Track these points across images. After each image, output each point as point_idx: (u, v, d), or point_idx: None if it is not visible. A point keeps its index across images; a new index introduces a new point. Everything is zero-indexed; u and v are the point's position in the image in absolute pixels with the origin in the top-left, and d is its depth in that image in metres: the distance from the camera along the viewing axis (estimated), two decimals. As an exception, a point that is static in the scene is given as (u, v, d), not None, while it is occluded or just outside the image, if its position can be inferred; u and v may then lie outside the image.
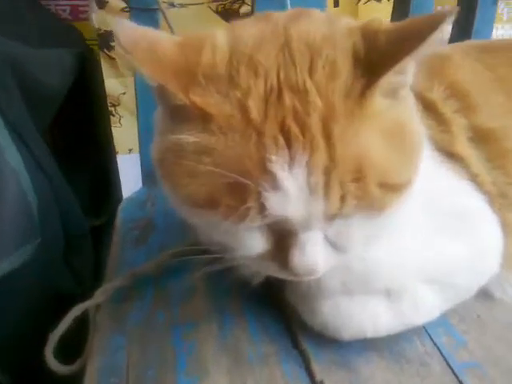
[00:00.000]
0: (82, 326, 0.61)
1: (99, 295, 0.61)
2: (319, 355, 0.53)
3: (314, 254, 0.41)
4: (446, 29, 0.37)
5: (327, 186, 0.37)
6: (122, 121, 1.11)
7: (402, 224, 0.49)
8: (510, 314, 0.57)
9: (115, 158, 1.16)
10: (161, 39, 0.40)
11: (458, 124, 0.54)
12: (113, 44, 1.02)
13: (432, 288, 0.53)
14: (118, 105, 1.09)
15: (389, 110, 0.40)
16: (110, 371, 0.53)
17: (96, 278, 0.87)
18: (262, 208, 0.37)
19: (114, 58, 1.05)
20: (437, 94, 0.55)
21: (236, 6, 1.05)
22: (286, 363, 0.52)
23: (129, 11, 0.92)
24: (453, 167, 0.53)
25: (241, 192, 0.37)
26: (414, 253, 0.51)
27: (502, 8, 1.07)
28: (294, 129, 0.37)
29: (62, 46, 1.06)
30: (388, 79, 0.38)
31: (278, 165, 0.37)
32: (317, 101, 0.38)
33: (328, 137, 0.37)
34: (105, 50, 1.04)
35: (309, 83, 0.38)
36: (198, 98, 0.38)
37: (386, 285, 0.52)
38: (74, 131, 1.20)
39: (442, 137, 0.53)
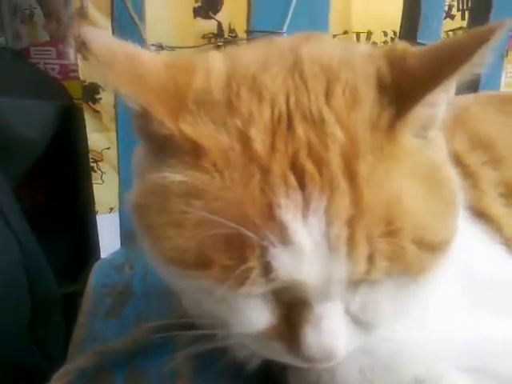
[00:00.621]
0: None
1: (57, 379, 0.49)
2: None
3: (333, 334, 0.32)
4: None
5: (351, 240, 0.29)
6: (104, 177, 1.04)
7: (436, 297, 0.40)
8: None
9: (95, 217, 1.08)
10: (143, 55, 0.33)
11: (487, 178, 0.48)
12: (98, 96, 0.98)
13: (470, 377, 0.43)
14: (101, 160, 1.03)
15: (421, 149, 0.33)
16: None
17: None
18: (268, 268, 0.29)
19: (98, 111, 0.99)
20: (460, 145, 0.49)
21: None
22: None
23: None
24: (484, 229, 0.46)
25: (240, 247, 0.29)
26: (447, 333, 0.42)
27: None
28: (309, 166, 0.30)
29: (44, 98, 1.02)
30: (420, 110, 0.32)
31: (289, 211, 0.29)
32: (337, 132, 0.31)
33: (352, 177, 0.30)
34: (89, 103, 0.98)
35: (326, 111, 0.31)
36: (188, 127, 0.31)
37: (415, 373, 0.42)
38: (52, 188, 1.14)
39: (469, 193, 0.46)
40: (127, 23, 0.81)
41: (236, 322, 0.33)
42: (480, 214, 0.47)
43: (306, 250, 0.29)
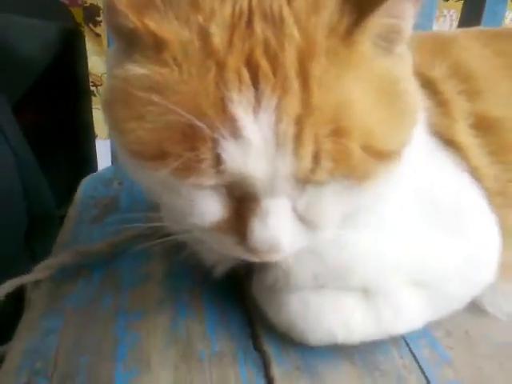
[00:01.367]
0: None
1: (39, 271, 0.53)
2: (282, 359, 0.45)
3: (278, 227, 0.33)
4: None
5: (298, 137, 0.30)
6: (103, 102, 1.05)
7: (388, 211, 0.42)
8: (503, 332, 0.49)
9: (94, 141, 1.10)
10: None
11: (460, 107, 0.47)
12: (99, 19, 0.97)
13: (417, 293, 0.45)
14: (101, 84, 1.04)
15: (380, 60, 0.34)
16: (36, 355, 0.45)
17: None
18: (218, 160, 0.31)
19: (99, 35, 0.99)
20: (438, 72, 0.48)
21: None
22: (242, 365, 0.45)
23: None
24: (450, 156, 0.46)
25: (193, 139, 0.30)
26: (400, 248, 0.44)
27: (510, 18, 1.03)
28: (264, 64, 0.30)
29: (49, 20, 1.01)
30: (379, 19, 0.32)
31: (241, 106, 0.30)
32: (294, 33, 0.31)
33: (304, 78, 0.30)
34: (90, 25, 0.98)
35: (286, 11, 0.32)
36: (151, 22, 0.32)
37: (364, 282, 0.44)
38: (53, 110, 1.15)
39: (439, 120, 0.47)
40: None
41: (191, 213, 0.35)
42: (449, 142, 0.47)
43: (254, 144, 0.30)
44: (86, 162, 1.15)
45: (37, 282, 0.53)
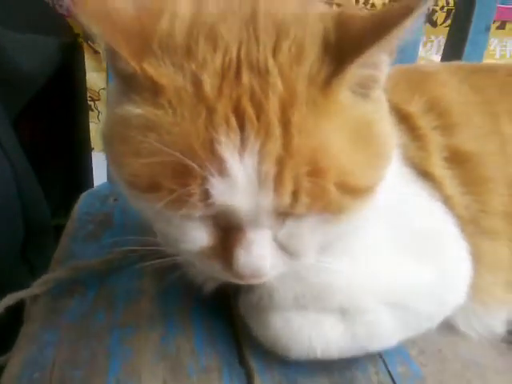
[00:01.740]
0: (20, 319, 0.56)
1: (37, 286, 0.56)
2: (265, 374, 0.48)
3: (260, 255, 0.37)
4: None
5: (279, 177, 0.34)
6: (100, 116, 1.08)
7: (363, 238, 0.46)
8: (473, 350, 0.53)
9: (90, 154, 1.13)
10: None
11: (435, 141, 0.51)
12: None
13: (391, 313, 0.48)
14: (98, 100, 1.07)
15: (357, 106, 0.37)
16: (34, 366, 0.48)
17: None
18: (206, 195, 0.34)
19: (98, 52, 1.02)
20: (415, 108, 0.52)
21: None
22: (227, 380, 0.48)
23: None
24: (425, 186, 0.50)
25: (184, 175, 0.33)
26: (374, 271, 0.47)
27: (494, 45, 1.07)
28: (249, 110, 0.34)
29: (48, 34, 1.04)
30: (356, 70, 0.35)
31: (228, 148, 0.33)
32: (278, 83, 0.34)
33: (285, 124, 0.34)
34: (89, 42, 1.01)
35: (271, 63, 0.35)
36: (150, 67, 0.35)
37: (341, 303, 0.47)
38: (50, 124, 1.17)
39: (416, 153, 0.50)
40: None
41: (182, 240, 0.38)
42: (424, 173, 0.51)
43: (239, 181, 0.34)
44: (82, 173, 1.18)
45: (35, 296, 0.56)
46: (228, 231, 0.37)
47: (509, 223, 0.51)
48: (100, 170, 1.12)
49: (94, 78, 1.05)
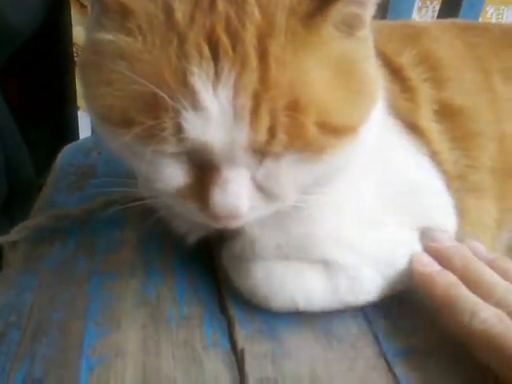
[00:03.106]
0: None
1: (16, 232, 0.55)
2: (245, 323, 0.48)
3: (237, 194, 0.36)
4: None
5: (255, 111, 0.32)
6: (86, 73, 1.05)
7: (347, 188, 0.45)
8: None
9: (76, 112, 1.10)
10: None
11: (425, 94, 0.50)
12: (86, -11, 0.97)
13: (373, 267, 0.48)
14: (85, 56, 1.03)
15: (340, 42, 0.36)
16: (11, 310, 0.47)
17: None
18: (178, 129, 0.33)
19: (85, 6, 0.99)
20: (406, 59, 0.51)
21: None
22: (208, 327, 0.48)
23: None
24: (412, 139, 0.49)
25: (156, 108, 0.32)
26: (357, 225, 0.47)
27: (491, 12, 1.06)
28: (224, 40, 0.32)
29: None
30: (342, 7, 0.34)
31: (201, 79, 0.32)
32: (255, 12, 0.33)
33: (263, 55, 0.32)
34: (76, -5, 0.98)
35: None
36: None
37: (323, 255, 0.47)
38: (35, 81, 1.14)
39: (404, 105, 0.49)
40: None
41: (156, 178, 0.37)
42: (412, 126, 0.50)
43: (213, 115, 0.32)
44: (68, 132, 1.15)
45: (14, 243, 0.55)
46: (203, 170, 0.36)
47: (496, 179, 0.51)
48: (86, 129, 1.10)
49: (81, 33, 1.01)
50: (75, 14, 1.00)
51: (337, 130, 0.35)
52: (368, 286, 0.49)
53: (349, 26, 0.36)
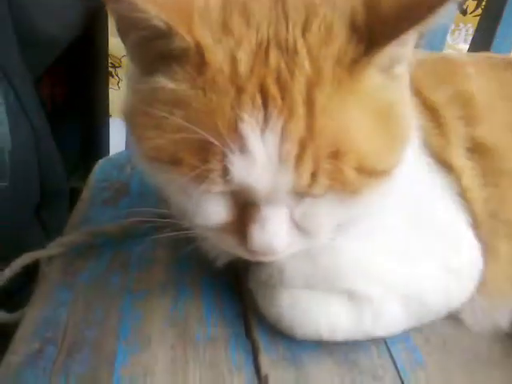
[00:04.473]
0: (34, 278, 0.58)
1: (52, 247, 0.57)
2: (270, 348, 0.49)
3: (275, 232, 0.37)
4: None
5: (300, 158, 0.34)
6: (120, 84, 1.08)
7: (377, 223, 0.46)
8: (477, 343, 0.53)
9: (108, 120, 1.13)
10: None
11: (458, 131, 0.51)
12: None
13: (398, 301, 0.49)
14: (119, 66, 1.06)
15: (381, 86, 0.37)
16: (48, 325, 0.50)
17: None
18: (226, 171, 0.34)
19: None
20: (441, 97, 0.51)
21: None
22: (233, 350, 0.49)
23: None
24: (444, 176, 0.50)
25: (206, 152, 0.34)
26: (385, 258, 0.48)
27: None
28: (273, 89, 0.34)
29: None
30: (389, 51, 0.35)
31: (250, 125, 0.33)
32: (305, 63, 0.34)
33: (310, 104, 0.34)
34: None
35: (300, 43, 0.35)
36: (203, 42, 0.35)
37: (350, 286, 0.48)
38: (70, 86, 1.17)
39: (436, 141, 0.50)
40: None
41: (198, 214, 0.39)
42: (444, 163, 0.50)
43: (259, 159, 0.34)
44: (99, 138, 1.19)
45: (50, 257, 0.57)
46: (245, 207, 0.38)
47: None
48: (116, 136, 1.13)
49: (117, 45, 1.04)
50: (112, 26, 1.02)
51: (373, 173, 0.37)
52: (393, 319, 0.49)
53: (390, 66, 0.37)
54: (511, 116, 0.52)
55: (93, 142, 1.17)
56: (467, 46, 0.94)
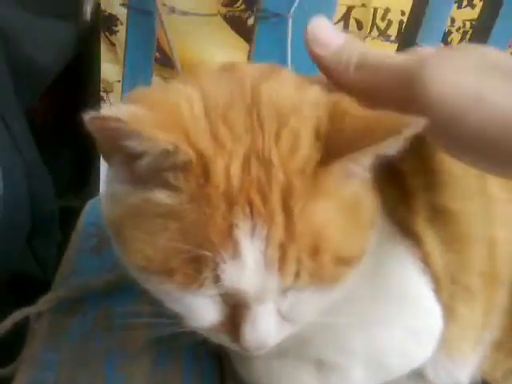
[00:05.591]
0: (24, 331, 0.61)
1: (42, 303, 0.60)
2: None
3: (266, 329, 0.40)
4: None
5: (282, 260, 0.37)
6: (112, 109, 1.08)
7: (345, 297, 0.47)
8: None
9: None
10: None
11: (420, 199, 0.52)
12: (115, 29, 1.00)
13: (363, 366, 0.52)
14: (111, 91, 1.06)
15: (345, 187, 0.39)
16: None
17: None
18: (217, 278, 0.37)
19: (114, 44, 1.02)
20: (408, 166, 0.52)
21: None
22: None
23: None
24: (405, 243, 0.51)
25: (199, 262, 0.36)
26: (349, 327, 0.50)
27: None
28: (257, 199, 0.36)
29: (63, 16, 1.01)
30: (343, 165, 0.38)
31: (243, 232, 0.36)
32: (279, 174, 0.37)
33: (287, 211, 0.36)
34: (106, 34, 1.01)
35: (274, 153, 0.37)
36: (205, 152, 0.36)
37: (317, 354, 0.52)
38: (62, 110, 1.17)
39: (402, 211, 0.51)
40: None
41: (191, 317, 0.41)
42: (406, 229, 0.51)
43: (248, 264, 0.36)
44: (89, 159, 1.19)
45: (39, 313, 0.60)
46: (234, 307, 0.40)
47: (484, 283, 0.53)
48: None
49: (109, 70, 1.04)
50: (104, 51, 1.02)
51: (349, 260, 0.40)
52: (355, 382, 0.53)
53: (348, 176, 0.40)
54: (472, 180, 0.53)
55: (83, 164, 1.17)
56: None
